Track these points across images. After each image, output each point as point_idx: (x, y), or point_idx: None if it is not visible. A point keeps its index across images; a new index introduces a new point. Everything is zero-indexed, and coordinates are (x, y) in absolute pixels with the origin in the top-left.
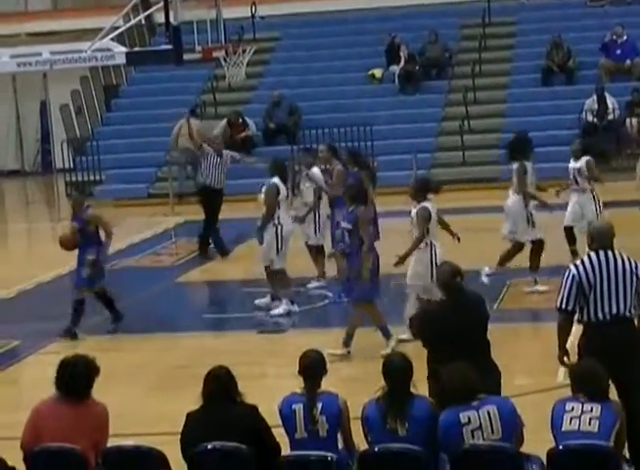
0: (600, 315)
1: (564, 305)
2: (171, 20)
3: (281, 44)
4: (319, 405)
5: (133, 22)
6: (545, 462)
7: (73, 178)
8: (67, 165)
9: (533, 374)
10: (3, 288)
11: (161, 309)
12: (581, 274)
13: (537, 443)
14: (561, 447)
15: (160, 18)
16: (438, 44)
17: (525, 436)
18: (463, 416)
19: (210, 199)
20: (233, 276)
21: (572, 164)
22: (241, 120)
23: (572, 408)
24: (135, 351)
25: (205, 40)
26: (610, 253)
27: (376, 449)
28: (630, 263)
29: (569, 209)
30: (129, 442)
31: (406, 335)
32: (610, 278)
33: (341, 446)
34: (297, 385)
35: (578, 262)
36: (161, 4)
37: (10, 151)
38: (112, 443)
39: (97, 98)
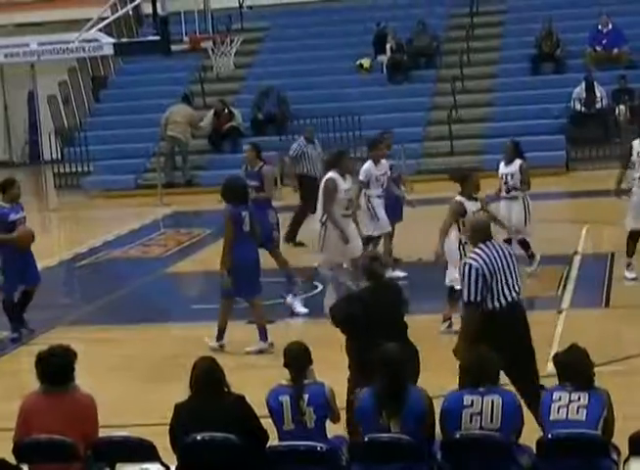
0: (503, 301)
1: (472, 298)
2: (159, 10)
3: (269, 34)
4: (306, 397)
5: (121, 12)
6: (535, 451)
7: (62, 169)
8: (55, 157)
9: None
10: None
11: (151, 300)
12: (482, 266)
13: (527, 432)
14: (550, 437)
15: (147, 8)
16: (427, 33)
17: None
18: (467, 399)
19: (309, 187)
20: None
21: (504, 170)
22: (226, 111)
23: (560, 398)
24: (125, 341)
25: (193, 30)
26: (494, 243)
27: (366, 439)
28: (506, 248)
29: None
30: (119, 433)
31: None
32: (504, 265)
33: (330, 436)
34: (284, 375)
35: (475, 256)
36: None
37: None
38: (102, 434)
39: (85, 89)
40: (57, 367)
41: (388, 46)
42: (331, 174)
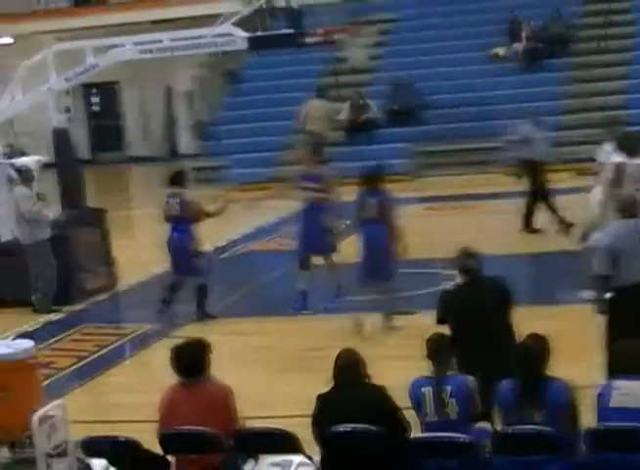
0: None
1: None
2: (292, 3)
3: (401, 25)
4: (448, 388)
5: (254, 6)
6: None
7: (199, 164)
8: (192, 151)
9: None
10: (133, 273)
11: (287, 292)
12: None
13: None
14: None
15: (280, 2)
16: (561, 21)
17: None
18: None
19: (535, 171)
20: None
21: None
22: (362, 102)
23: (620, 386)
24: (260, 333)
25: (326, 23)
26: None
27: (509, 431)
28: None
29: None
30: (261, 424)
31: None
32: None
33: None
34: (424, 367)
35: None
36: None
37: (136, 137)
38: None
39: (219, 83)
40: (190, 360)
41: (522, 34)
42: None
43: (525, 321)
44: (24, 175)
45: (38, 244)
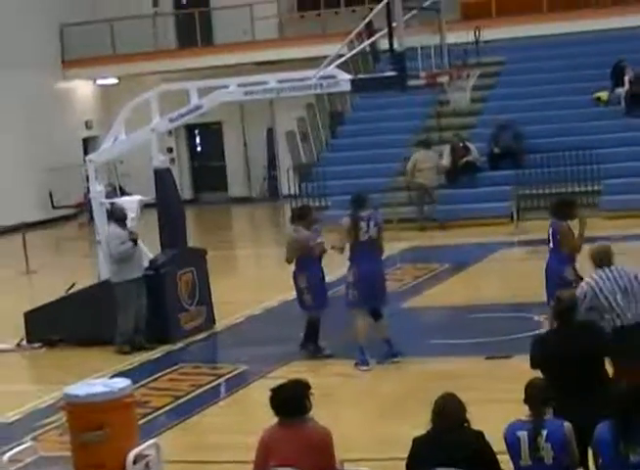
0: None
1: None
2: (395, 46)
3: (505, 68)
4: (544, 432)
5: (358, 49)
6: None
7: (299, 204)
8: (292, 192)
9: None
10: (232, 313)
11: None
12: None
13: None
14: None
15: (383, 44)
16: None
17: None
18: None
19: None
20: (456, 302)
21: None
22: (462, 145)
23: None
24: (361, 376)
25: (430, 66)
26: None
27: None
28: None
29: None
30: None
31: None
32: None
33: None
34: (523, 411)
35: None
36: (386, 30)
37: (238, 177)
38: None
39: (322, 124)
40: (288, 401)
41: (626, 78)
42: None
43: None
44: (116, 214)
45: (122, 284)
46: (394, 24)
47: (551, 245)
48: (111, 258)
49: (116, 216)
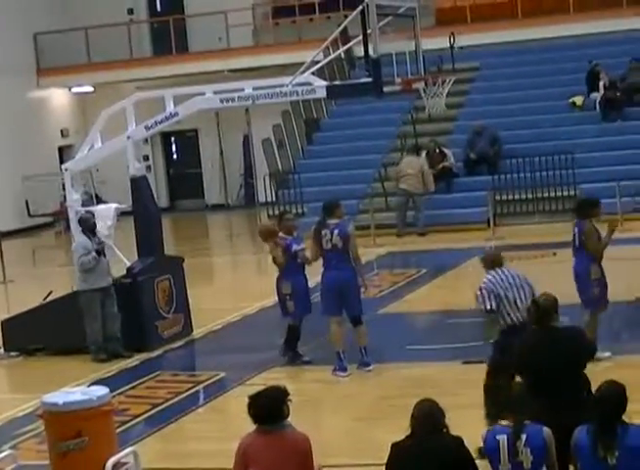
0: None
1: None
2: (371, 52)
3: (480, 74)
4: (523, 437)
5: (333, 55)
6: None
7: (276, 211)
8: (269, 199)
9: None
10: (210, 320)
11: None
12: None
13: None
14: None
15: (359, 51)
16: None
17: None
18: None
19: None
20: (434, 307)
21: None
22: (438, 151)
23: None
24: (339, 382)
25: (405, 72)
26: None
27: None
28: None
29: None
30: None
31: None
32: None
33: None
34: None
35: None
36: (361, 37)
37: (214, 185)
38: None
39: (298, 131)
40: (266, 407)
41: (600, 83)
42: None
43: (604, 371)
44: (84, 224)
45: (87, 292)
46: (369, 31)
47: (576, 244)
48: (75, 266)
49: (84, 226)
